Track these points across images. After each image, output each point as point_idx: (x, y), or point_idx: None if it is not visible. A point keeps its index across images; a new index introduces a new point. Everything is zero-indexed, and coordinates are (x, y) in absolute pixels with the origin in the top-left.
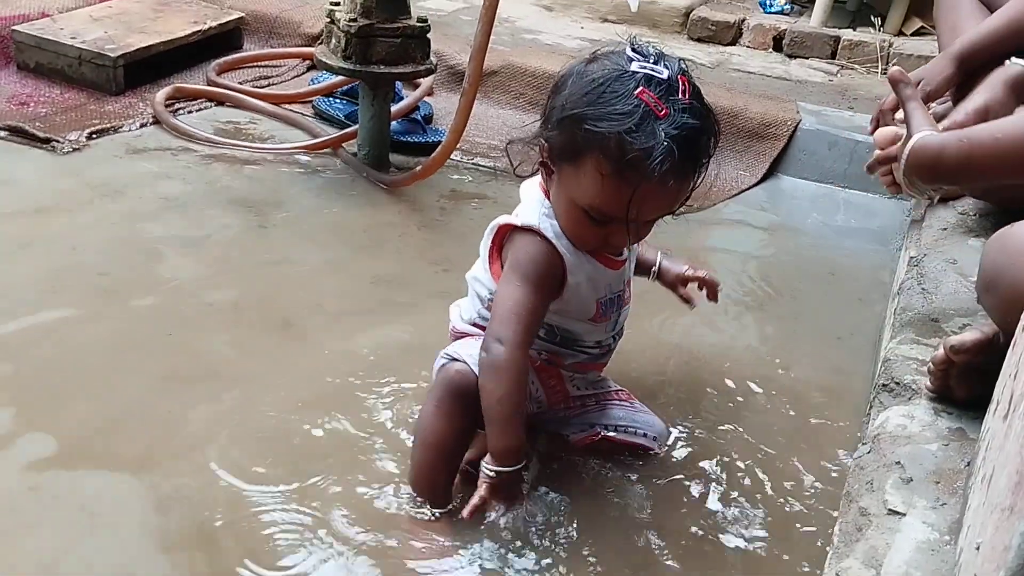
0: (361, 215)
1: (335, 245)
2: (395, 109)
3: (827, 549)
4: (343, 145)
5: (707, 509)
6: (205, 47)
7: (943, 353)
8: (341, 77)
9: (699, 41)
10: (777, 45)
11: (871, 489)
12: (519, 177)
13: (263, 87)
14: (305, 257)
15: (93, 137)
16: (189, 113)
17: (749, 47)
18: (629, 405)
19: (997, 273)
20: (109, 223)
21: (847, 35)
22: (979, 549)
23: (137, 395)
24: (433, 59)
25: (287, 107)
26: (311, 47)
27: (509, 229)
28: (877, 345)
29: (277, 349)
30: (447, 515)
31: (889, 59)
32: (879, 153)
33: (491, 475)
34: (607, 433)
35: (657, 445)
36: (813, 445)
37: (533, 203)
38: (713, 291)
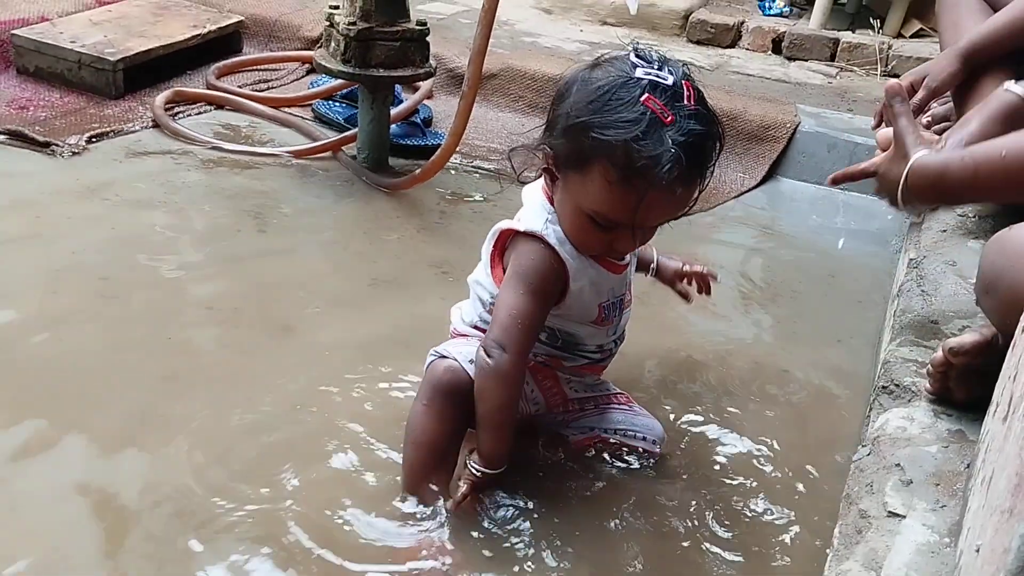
0: (360, 218)
1: (334, 248)
2: (394, 112)
3: (827, 551)
4: (343, 148)
5: (706, 512)
6: (205, 51)
7: (942, 355)
8: (340, 80)
9: (698, 43)
10: (776, 47)
11: (871, 491)
12: (522, 184)
13: (263, 91)
14: (304, 260)
15: (93, 141)
16: (188, 117)
17: (748, 49)
18: (628, 408)
19: (996, 275)
20: (109, 226)
21: (846, 37)
22: (979, 551)
23: (137, 396)
24: (432, 62)
25: (286, 110)
26: (310, 51)
27: (511, 234)
28: (877, 347)
29: (276, 351)
30: (440, 514)
31: (888, 61)
32: (849, 170)
33: (477, 475)
34: (606, 436)
35: (656, 448)
36: (813, 447)
37: (536, 208)
38: (706, 284)
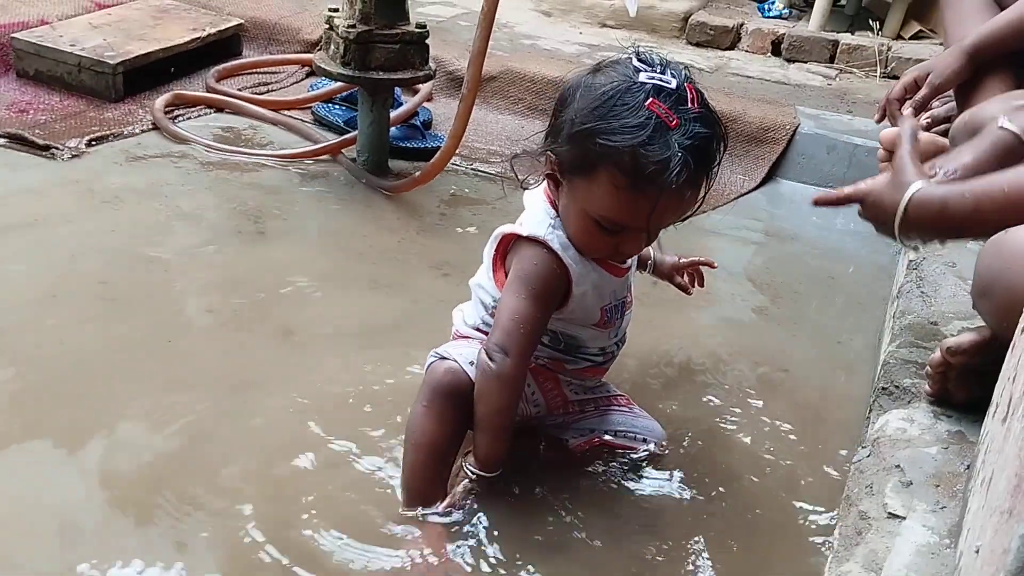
0: (360, 221)
1: (334, 250)
2: (394, 115)
3: (827, 553)
4: (342, 151)
5: (706, 513)
6: (204, 54)
7: (940, 356)
8: (340, 83)
9: (698, 46)
10: (776, 49)
11: (871, 493)
12: (525, 189)
13: (262, 93)
14: (304, 262)
15: (92, 144)
16: (188, 120)
17: (748, 51)
18: (628, 410)
19: (992, 278)
20: (109, 230)
21: (845, 39)
22: (979, 552)
23: (137, 403)
24: (432, 65)
25: (286, 113)
26: (310, 53)
27: (514, 238)
28: (877, 349)
29: (276, 355)
30: (441, 518)
31: (887, 63)
32: (833, 194)
33: (472, 477)
34: (606, 438)
35: (657, 450)
36: (813, 448)
37: (539, 213)
38: (700, 276)
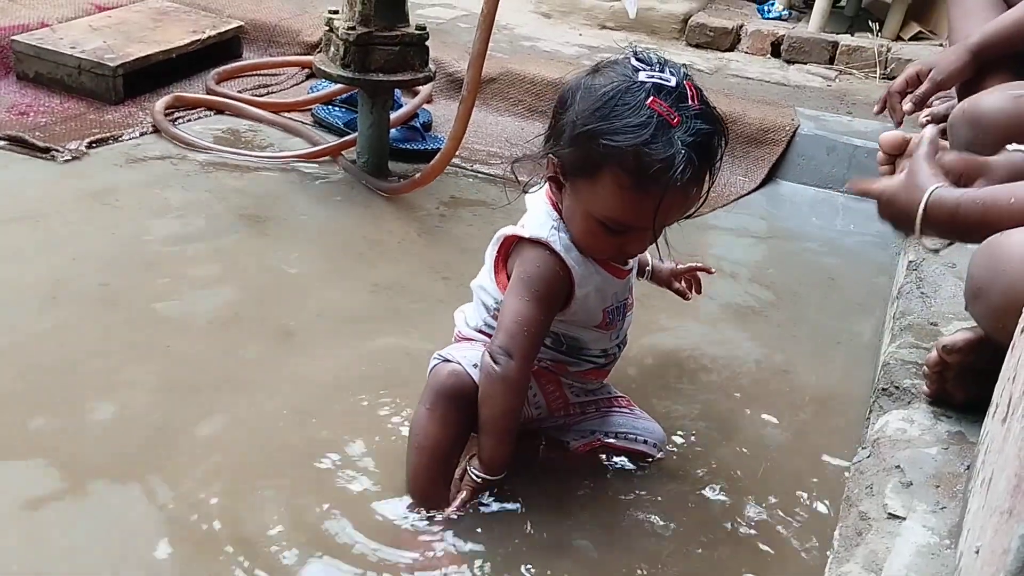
0: (360, 222)
1: (335, 253)
2: (394, 117)
3: (827, 554)
4: (342, 153)
5: (707, 514)
6: (204, 56)
7: (936, 355)
8: (340, 85)
9: (697, 47)
10: (775, 51)
11: (871, 493)
12: (526, 193)
13: (262, 95)
14: (305, 265)
15: (93, 146)
16: (188, 122)
17: (747, 53)
18: (629, 412)
19: (985, 281)
20: (109, 232)
21: (845, 40)
22: (979, 553)
23: (138, 404)
24: (432, 67)
25: (286, 115)
26: (310, 55)
27: (516, 240)
28: (877, 349)
29: (277, 357)
30: (444, 519)
31: (887, 64)
32: (864, 186)
33: (477, 481)
34: (607, 440)
35: (657, 451)
36: (813, 449)
37: (541, 215)
38: (697, 282)
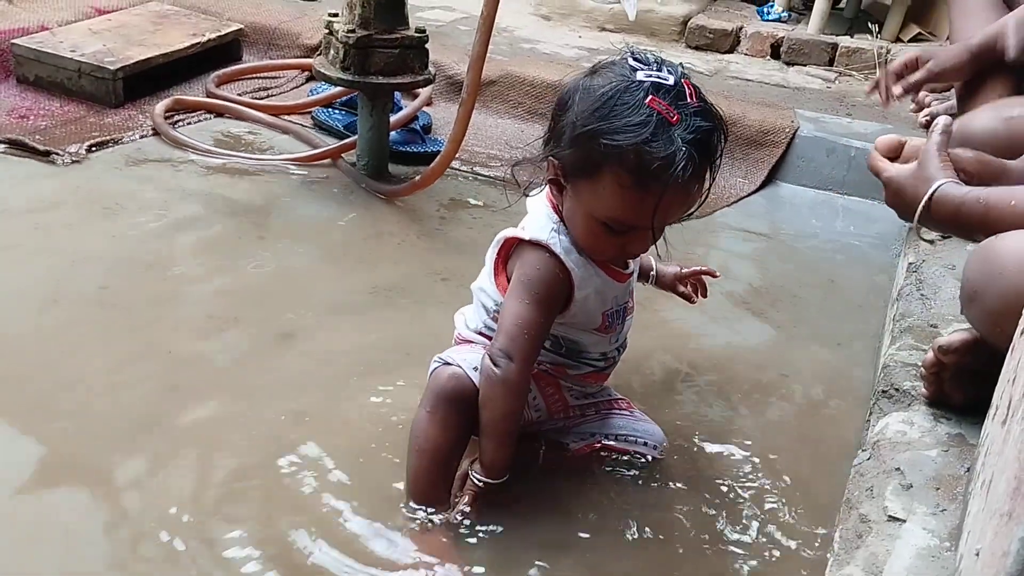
0: (360, 225)
1: (335, 255)
2: (394, 119)
3: (827, 556)
4: (342, 155)
5: (706, 517)
6: (204, 59)
7: (933, 355)
8: (340, 88)
9: (697, 49)
10: (775, 52)
11: (871, 496)
12: (527, 196)
13: (262, 98)
14: (305, 267)
15: (93, 150)
16: (188, 125)
17: (747, 55)
18: (629, 414)
19: (980, 285)
20: (109, 235)
21: (844, 42)
22: (979, 555)
23: (138, 406)
24: (431, 69)
25: (286, 118)
26: (310, 58)
27: (516, 242)
28: (877, 351)
29: (278, 360)
30: (445, 522)
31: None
32: (873, 164)
33: (479, 485)
34: (607, 442)
35: (657, 453)
36: (813, 452)
37: (542, 218)
38: (703, 286)
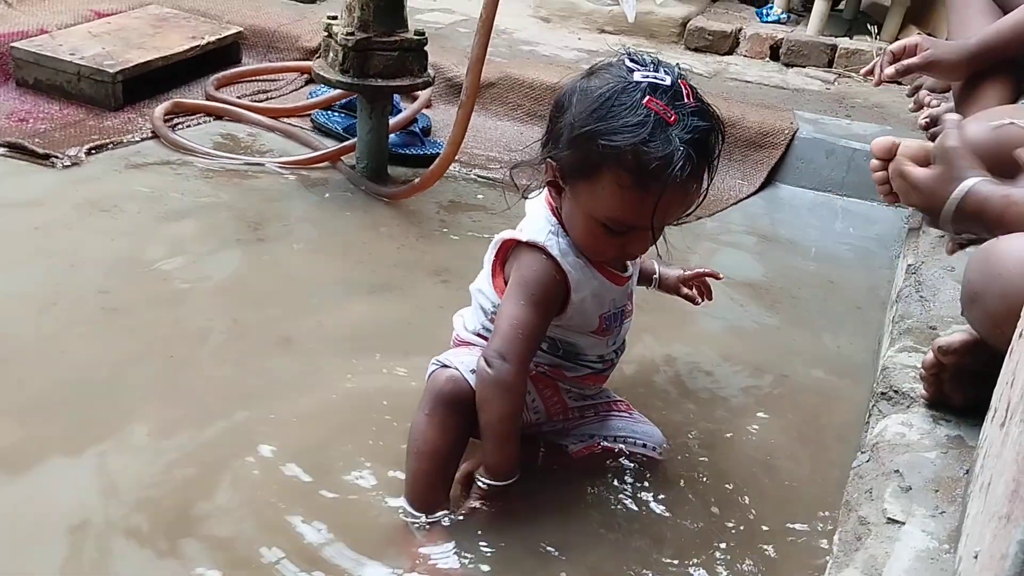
0: (360, 227)
1: (334, 257)
2: (393, 122)
3: (827, 559)
4: (342, 158)
5: (706, 519)
6: (203, 62)
7: (932, 356)
8: (339, 91)
9: (696, 51)
10: (774, 54)
11: (870, 498)
12: (526, 198)
13: (262, 101)
14: (304, 270)
15: (92, 152)
16: (188, 128)
17: (746, 56)
18: (628, 416)
19: (981, 287)
20: (108, 239)
21: (844, 43)
22: (977, 558)
23: (137, 412)
24: (431, 72)
25: (286, 121)
26: (309, 61)
27: (513, 244)
28: (876, 353)
29: (277, 364)
30: (444, 525)
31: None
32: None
33: (484, 488)
34: (606, 444)
35: (656, 455)
36: (812, 453)
37: (539, 220)
38: (708, 289)
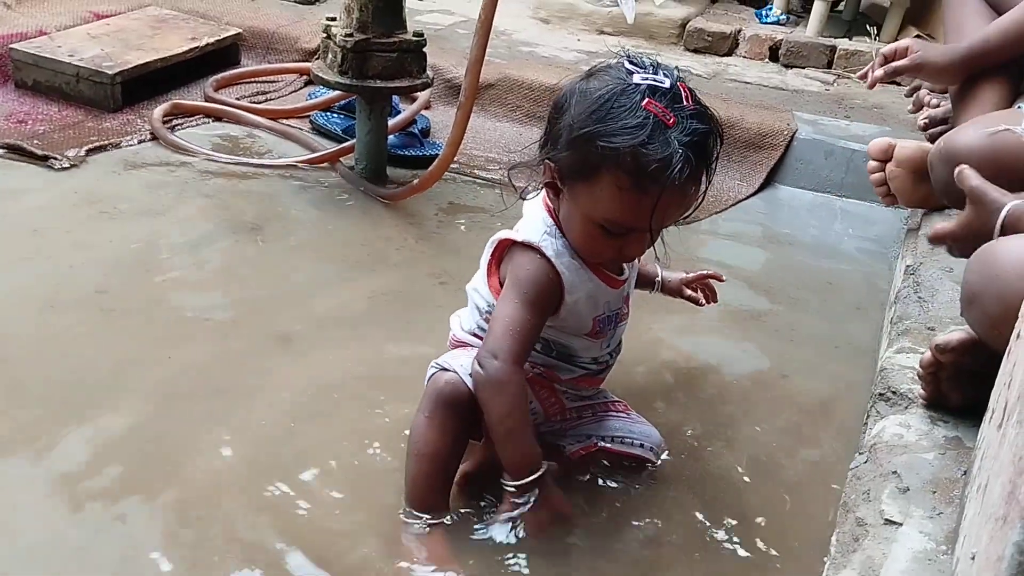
0: (359, 228)
1: (333, 259)
2: (392, 123)
3: (824, 560)
4: (341, 159)
5: (704, 519)
6: (202, 63)
7: (930, 355)
8: (338, 92)
9: (696, 52)
10: (773, 55)
11: (868, 499)
12: (524, 199)
13: (261, 102)
14: (303, 271)
15: (91, 154)
16: (187, 129)
17: (745, 57)
18: (626, 416)
19: (979, 288)
20: (107, 239)
21: (843, 44)
22: (974, 559)
23: (136, 412)
24: (430, 73)
25: (285, 122)
26: (308, 62)
27: (509, 244)
28: (874, 354)
29: (276, 365)
30: (443, 527)
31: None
32: (941, 232)
33: (512, 491)
34: (604, 444)
35: (654, 455)
36: (810, 454)
37: (536, 221)
38: (712, 291)
